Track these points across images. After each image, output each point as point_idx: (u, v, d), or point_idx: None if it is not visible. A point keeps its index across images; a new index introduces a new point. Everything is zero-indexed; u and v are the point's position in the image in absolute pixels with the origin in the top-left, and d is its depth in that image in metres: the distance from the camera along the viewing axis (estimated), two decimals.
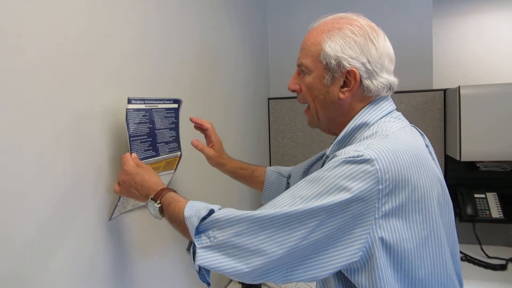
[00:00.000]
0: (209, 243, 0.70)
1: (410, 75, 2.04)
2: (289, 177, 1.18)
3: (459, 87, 1.64)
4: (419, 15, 2.04)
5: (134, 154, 0.88)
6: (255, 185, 1.21)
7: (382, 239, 0.67)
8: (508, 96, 1.57)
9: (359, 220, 0.66)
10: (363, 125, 0.79)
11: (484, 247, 1.78)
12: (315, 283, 0.81)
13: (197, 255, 0.70)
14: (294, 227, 0.66)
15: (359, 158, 0.66)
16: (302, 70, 0.85)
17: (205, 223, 0.72)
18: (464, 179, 1.92)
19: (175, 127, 1.04)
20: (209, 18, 1.46)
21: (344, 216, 0.65)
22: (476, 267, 1.67)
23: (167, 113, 1.01)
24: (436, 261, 0.73)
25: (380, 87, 0.80)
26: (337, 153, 0.73)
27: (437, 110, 1.96)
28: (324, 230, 0.66)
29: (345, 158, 0.68)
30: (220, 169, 1.15)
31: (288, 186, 1.17)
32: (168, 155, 1.02)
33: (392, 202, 0.66)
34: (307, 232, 0.66)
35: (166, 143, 1.01)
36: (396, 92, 0.82)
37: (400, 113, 0.84)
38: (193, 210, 0.74)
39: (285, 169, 1.20)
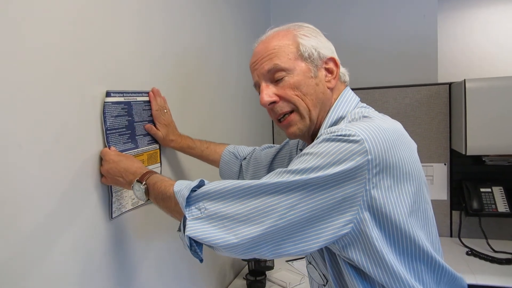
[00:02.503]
0: (200, 215, 0.70)
1: (415, 68, 2.02)
2: (244, 159, 1.17)
3: (464, 80, 1.63)
4: (424, 9, 2.02)
5: (112, 147, 0.89)
6: (209, 163, 1.22)
7: (373, 210, 0.66)
8: None
9: (349, 193, 0.65)
10: (339, 119, 0.81)
11: (490, 241, 1.78)
12: (327, 270, 0.79)
13: (187, 227, 0.69)
14: (281, 196, 0.66)
15: (346, 137, 0.66)
16: (277, 77, 0.80)
17: (196, 194, 0.72)
18: (470, 173, 1.92)
19: (153, 119, 1.05)
20: (213, 19, 1.46)
21: (334, 189, 0.65)
22: (482, 261, 1.67)
23: (145, 105, 1.02)
24: (428, 230, 0.74)
25: (347, 73, 0.86)
26: (320, 134, 0.73)
27: (442, 104, 1.94)
28: (313, 202, 0.65)
29: (329, 135, 0.68)
30: (173, 148, 1.15)
31: (241, 168, 1.17)
32: (147, 147, 1.04)
33: (382, 174, 0.66)
34: (295, 202, 0.65)
35: (144, 135, 1.03)
36: (401, 86, 0.82)
37: (364, 103, 0.86)
38: (183, 185, 0.74)
39: (243, 151, 1.19)
